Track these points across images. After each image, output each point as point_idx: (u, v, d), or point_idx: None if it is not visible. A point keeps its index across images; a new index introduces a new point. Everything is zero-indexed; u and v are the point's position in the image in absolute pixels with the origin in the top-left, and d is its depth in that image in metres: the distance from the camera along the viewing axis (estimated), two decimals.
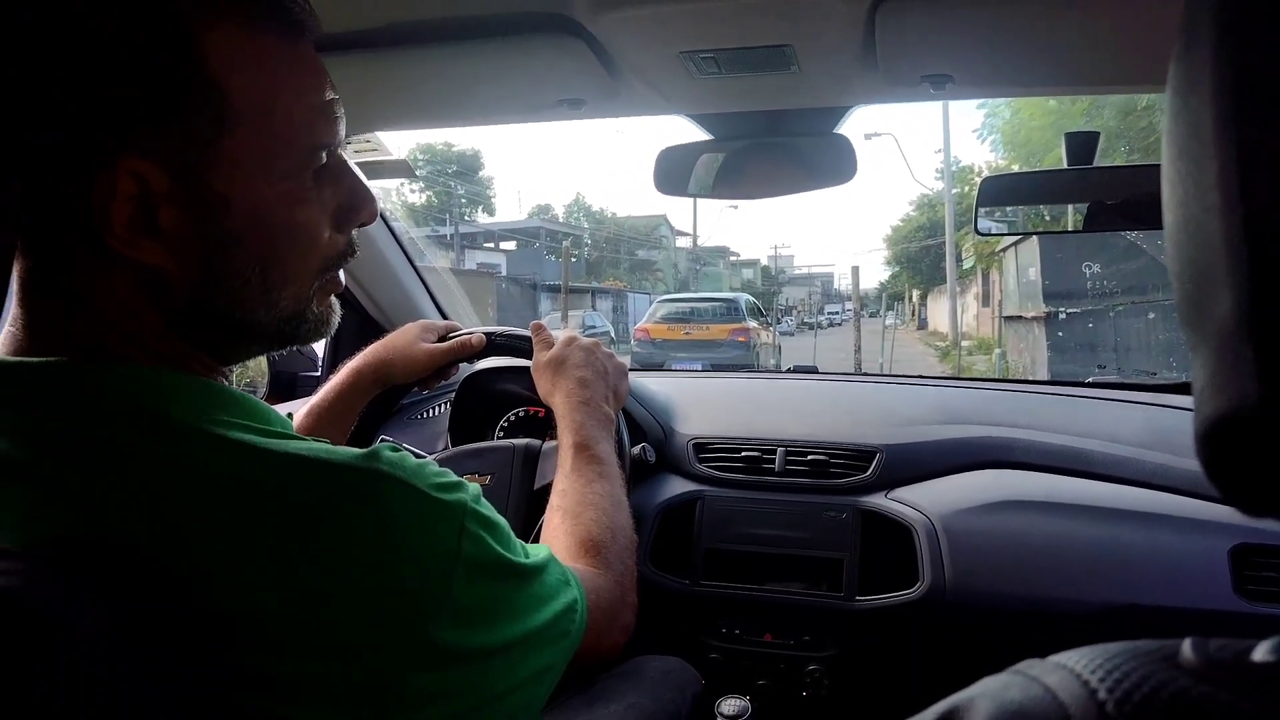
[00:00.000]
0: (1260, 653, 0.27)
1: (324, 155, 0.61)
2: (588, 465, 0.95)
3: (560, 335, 1.13)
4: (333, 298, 0.67)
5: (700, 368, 11.31)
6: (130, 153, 0.52)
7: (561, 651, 0.65)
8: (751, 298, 16.71)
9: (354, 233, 0.67)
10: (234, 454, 0.51)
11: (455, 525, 0.56)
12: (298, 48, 0.59)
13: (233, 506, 0.50)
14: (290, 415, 1.10)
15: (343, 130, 0.63)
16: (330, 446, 0.55)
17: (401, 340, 1.19)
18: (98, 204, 0.52)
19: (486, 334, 1.22)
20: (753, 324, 14.02)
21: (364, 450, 0.55)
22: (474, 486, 0.61)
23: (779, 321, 20.31)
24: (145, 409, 0.53)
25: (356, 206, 0.65)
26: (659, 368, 12.39)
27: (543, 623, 0.62)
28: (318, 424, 1.12)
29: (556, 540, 0.86)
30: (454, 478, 0.59)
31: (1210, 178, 0.26)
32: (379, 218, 1.62)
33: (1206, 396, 0.27)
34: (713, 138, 1.35)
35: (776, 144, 1.32)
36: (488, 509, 0.61)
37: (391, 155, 1.56)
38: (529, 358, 1.13)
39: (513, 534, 0.64)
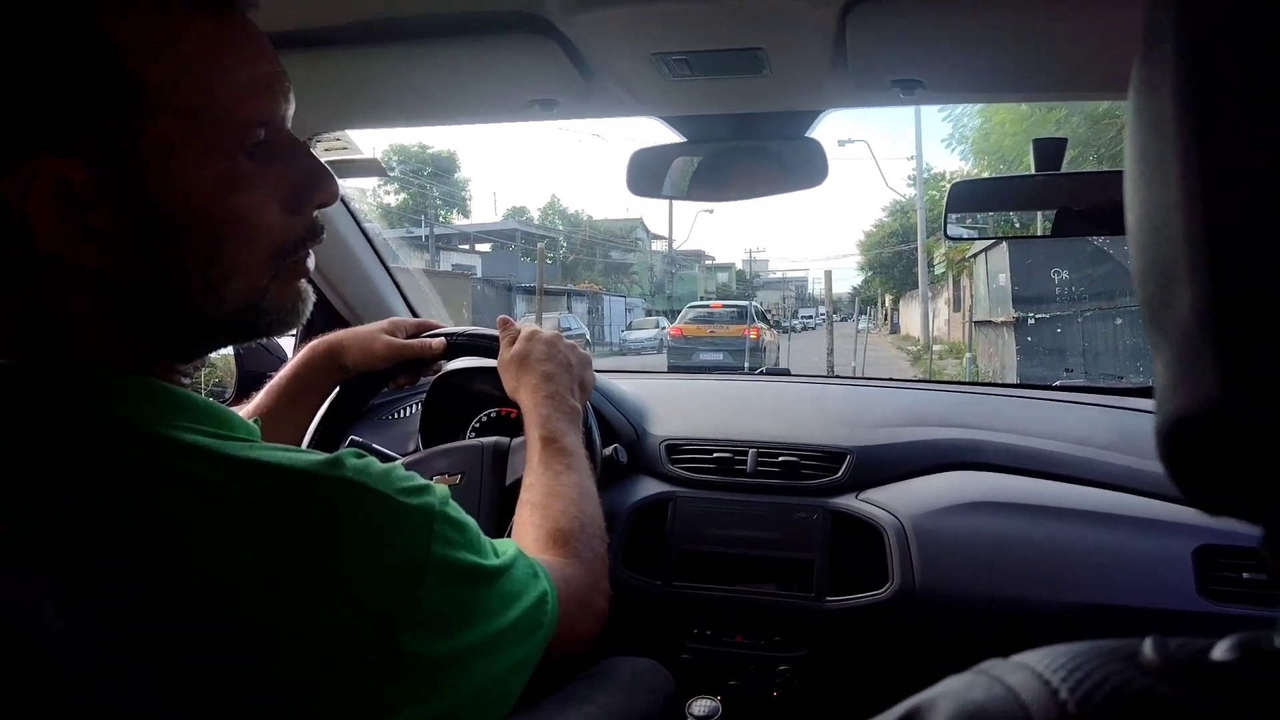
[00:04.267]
0: (1219, 651, 0.27)
1: (261, 132, 0.57)
2: (555, 458, 0.94)
3: (523, 329, 1.12)
4: (303, 284, 0.63)
5: (721, 358, 15.55)
6: (44, 152, 0.49)
7: (535, 643, 0.65)
8: (759, 305, 20.70)
9: (318, 215, 0.63)
10: (196, 459, 0.50)
11: (424, 530, 0.56)
12: (225, 22, 0.55)
13: (198, 512, 0.49)
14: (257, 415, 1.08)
15: (287, 106, 0.59)
16: (294, 453, 0.54)
17: (363, 330, 1.18)
18: (14, 209, 0.50)
19: (447, 335, 1.21)
20: (762, 326, 17.53)
21: (328, 457, 0.54)
22: (442, 488, 0.60)
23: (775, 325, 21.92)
24: (105, 413, 0.52)
25: (311, 186, 0.61)
26: (690, 361, 15.61)
27: (513, 619, 0.62)
28: (275, 401, 1.10)
29: (526, 533, 0.86)
30: (421, 481, 0.58)
31: (1172, 175, 0.26)
32: (351, 217, 1.61)
33: (1168, 395, 0.28)
34: (686, 140, 1.35)
35: (749, 147, 1.32)
36: (456, 510, 0.60)
37: (362, 154, 1.55)
38: (494, 356, 1.12)
39: (481, 533, 0.63)
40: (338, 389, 1.17)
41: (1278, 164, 0.24)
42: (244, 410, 1.10)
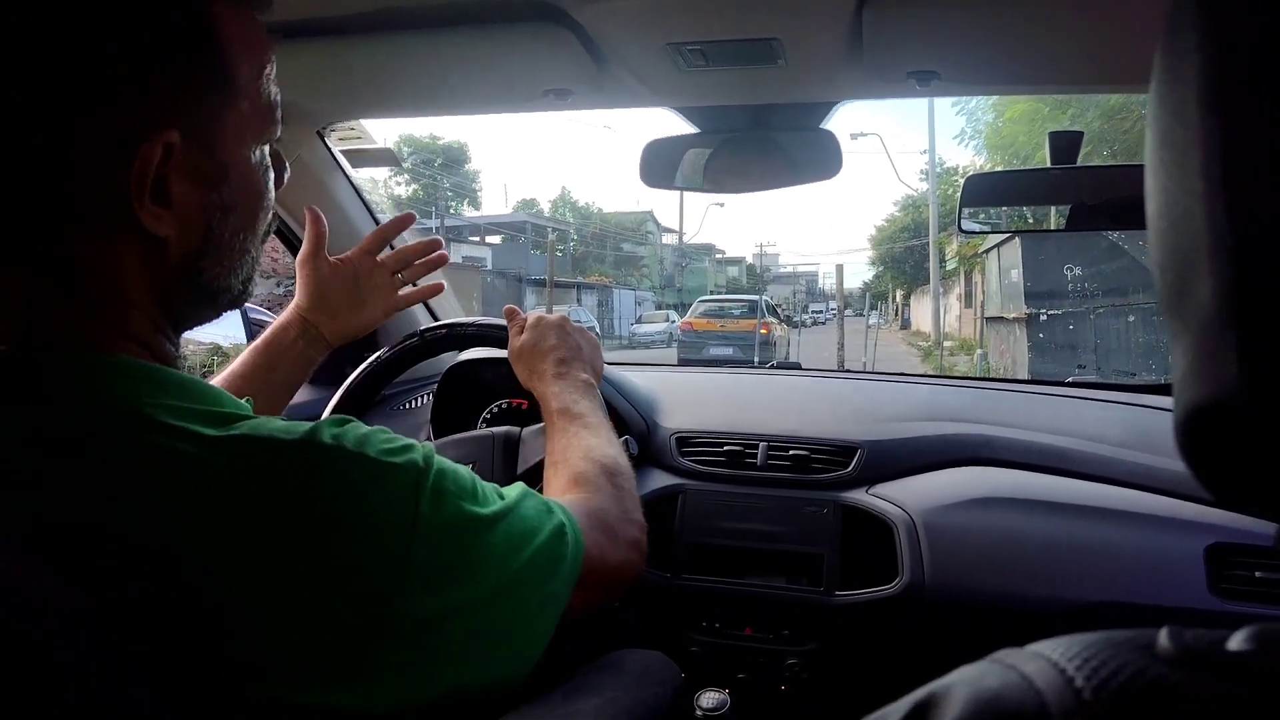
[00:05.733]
0: (1235, 642, 0.27)
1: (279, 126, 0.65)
2: (570, 422, 0.95)
3: (530, 318, 1.12)
4: None
5: (731, 353, 15.72)
6: (167, 126, 0.54)
7: (561, 578, 0.65)
8: (769, 299, 21.06)
9: None
10: (181, 438, 0.51)
11: (408, 486, 0.56)
12: (260, 22, 0.62)
13: (185, 490, 0.49)
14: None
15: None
16: (277, 424, 0.55)
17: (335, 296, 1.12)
18: (136, 177, 0.53)
19: (457, 325, 1.21)
20: (772, 320, 17.50)
21: (308, 426, 0.55)
22: (426, 445, 0.60)
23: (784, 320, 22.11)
24: (92, 397, 0.52)
25: (280, 169, 0.68)
26: (700, 355, 15.69)
27: (527, 559, 0.62)
28: (237, 389, 1.03)
29: (551, 488, 0.87)
30: (404, 441, 0.59)
31: (1194, 164, 0.26)
32: (365, 208, 1.62)
33: (1187, 384, 0.27)
34: (699, 131, 1.35)
35: (762, 138, 1.32)
36: (443, 462, 0.60)
37: (376, 144, 1.55)
38: (503, 346, 1.12)
39: (479, 480, 0.63)
40: (352, 375, 1.18)
41: None
42: (218, 379, 1.07)
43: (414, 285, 1.22)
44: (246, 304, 0.69)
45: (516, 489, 0.68)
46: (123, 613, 0.46)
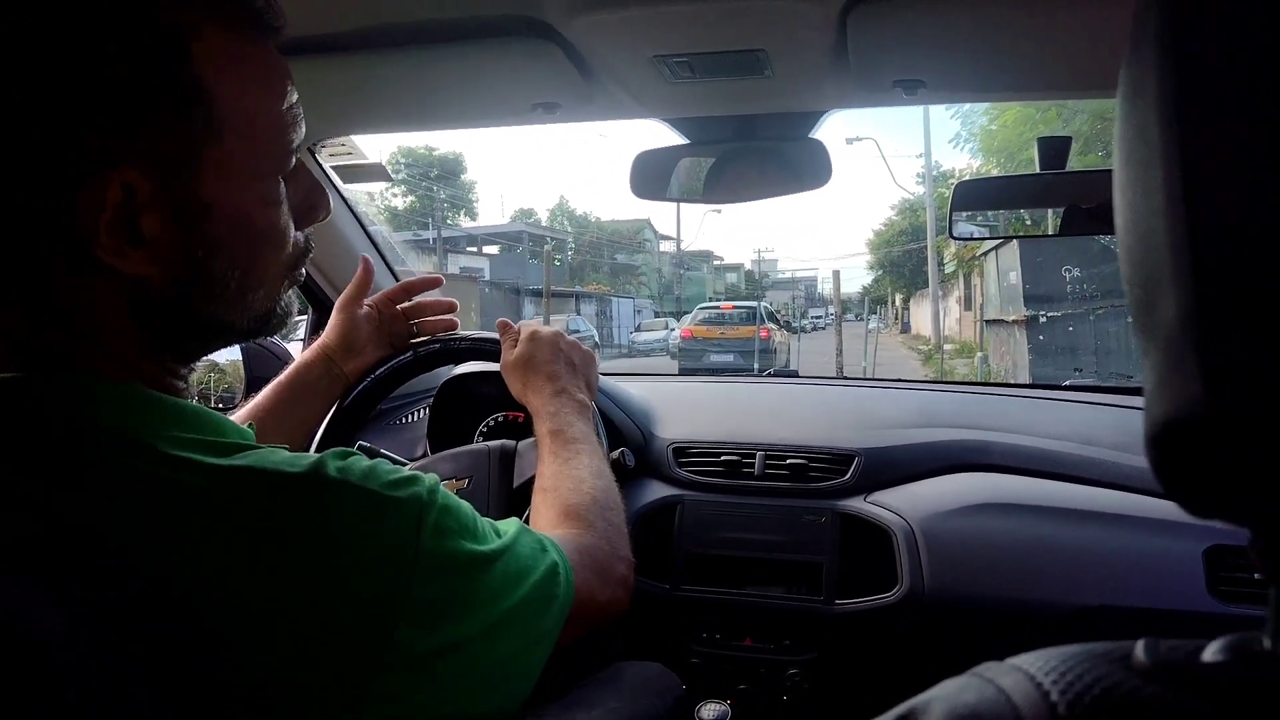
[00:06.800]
0: (1210, 653, 0.27)
1: (294, 159, 0.62)
2: (563, 447, 0.95)
3: (523, 331, 1.12)
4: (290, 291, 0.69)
5: (731, 359, 15.93)
6: (122, 163, 0.51)
7: (552, 616, 0.66)
8: (768, 305, 21.16)
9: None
10: (184, 468, 0.51)
11: (411, 522, 0.56)
12: (270, 50, 0.59)
13: (186, 519, 0.49)
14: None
15: (304, 131, 0.63)
16: (282, 455, 0.55)
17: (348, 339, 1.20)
18: (85, 215, 0.51)
19: (449, 340, 1.21)
20: (771, 326, 17.79)
21: (313, 458, 0.55)
22: (431, 476, 0.60)
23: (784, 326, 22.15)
24: (96, 425, 0.52)
25: (315, 205, 0.67)
26: (700, 363, 15.84)
27: (521, 597, 0.62)
28: (259, 423, 1.08)
29: (540, 516, 0.86)
30: (408, 473, 0.59)
31: (1156, 181, 0.26)
32: (356, 221, 1.62)
33: (1154, 399, 0.28)
34: (689, 142, 1.35)
35: (752, 148, 1.32)
36: (446, 497, 0.60)
37: (367, 159, 1.56)
38: (496, 360, 1.12)
39: (478, 517, 0.64)
40: (342, 397, 1.18)
41: (1259, 170, 0.24)
42: (240, 414, 1.10)
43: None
44: None
45: (513, 525, 0.68)
46: (121, 634, 0.46)
